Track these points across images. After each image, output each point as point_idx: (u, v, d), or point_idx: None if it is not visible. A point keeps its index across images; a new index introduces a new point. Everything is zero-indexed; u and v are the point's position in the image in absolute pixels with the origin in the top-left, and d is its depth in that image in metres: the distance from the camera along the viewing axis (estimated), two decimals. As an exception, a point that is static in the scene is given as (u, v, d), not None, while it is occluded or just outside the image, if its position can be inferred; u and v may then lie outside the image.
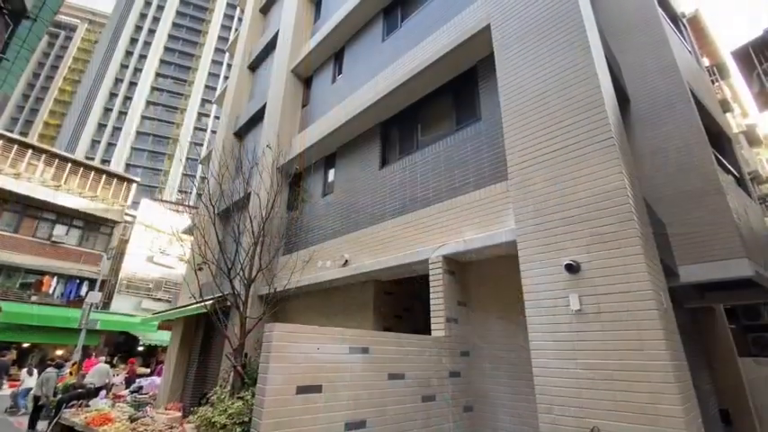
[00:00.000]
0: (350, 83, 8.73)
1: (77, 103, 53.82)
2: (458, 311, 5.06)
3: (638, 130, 6.63)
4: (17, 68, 9.16)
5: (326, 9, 11.18)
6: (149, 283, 22.65)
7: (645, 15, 7.14)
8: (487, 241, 4.66)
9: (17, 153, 18.66)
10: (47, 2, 9.07)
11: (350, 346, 3.75)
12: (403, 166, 6.73)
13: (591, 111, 3.98)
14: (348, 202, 7.65)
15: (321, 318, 7.60)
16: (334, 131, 8.10)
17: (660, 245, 4.43)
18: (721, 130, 7.65)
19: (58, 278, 19.15)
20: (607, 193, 3.65)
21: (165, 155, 53.11)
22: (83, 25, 66.66)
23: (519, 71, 4.78)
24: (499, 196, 4.88)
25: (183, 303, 11.68)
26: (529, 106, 4.52)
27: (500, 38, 5.16)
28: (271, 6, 15.22)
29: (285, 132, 9.79)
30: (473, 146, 5.64)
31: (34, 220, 19.07)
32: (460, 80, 6.36)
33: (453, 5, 6.63)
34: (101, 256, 20.18)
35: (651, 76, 6.75)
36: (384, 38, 8.31)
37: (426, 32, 6.94)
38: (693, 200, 5.75)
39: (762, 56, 10.59)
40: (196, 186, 15.14)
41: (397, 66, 7.22)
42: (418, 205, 6.06)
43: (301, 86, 10.98)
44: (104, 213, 21.09)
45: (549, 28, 4.64)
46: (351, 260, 6.75)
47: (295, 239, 8.76)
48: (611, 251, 3.49)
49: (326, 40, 9.75)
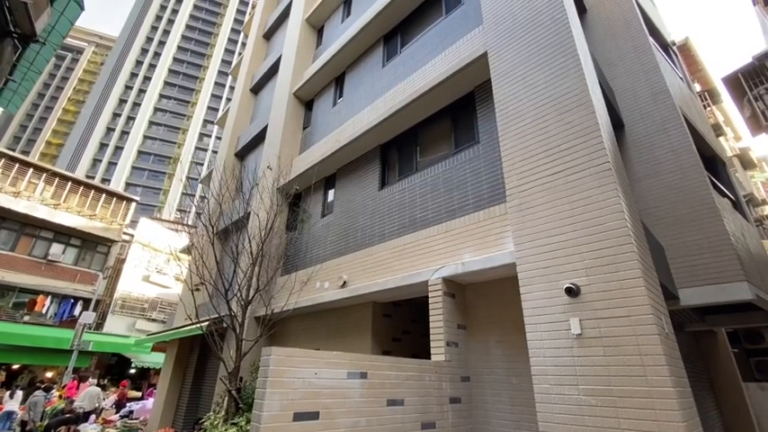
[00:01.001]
0: (351, 106, 8.91)
1: (80, 122, 54.50)
2: (458, 335, 5.00)
3: (634, 153, 6.74)
4: (23, 89, 9.32)
5: (328, 35, 11.54)
6: (144, 303, 22.34)
7: (636, 44, 7.37)
8: (487, 263, 4.66)
9: (18, 171, 18.74)
10: (56, 26, 9.32)
11: (348, 370, 3.69)
12: (402, 188, 6.79)
13: (587, 136, 4.06)
14: (347, 222, 7.67)
15: (318, 340, 7.49)
16: (335, 153, 8.21)
17: (659, 268, 4.43)
18: (715, 153, 7.78)
19: (52, 297, 18.88)
20: (605, 217, 3.68)
21: (165, 174, 53.44)
22: (90, 48, 68.29)
23: (516, 97, 4.90)
24: (498, 218, 4.91)
25: (179, 324, 11.50)
26: (526, 131, 4.61)
27: (497, 65, 5.32)
28: (274, 32, 15.69)
29: (286, 153, 9.91)
30: (471, 168, 5.72)
31: (31, 238, 18.97)
32: (459, 104, 6.51)
33: (451, 33, 6.86)
34: (97, 276, 19.98)
35: (644, 102, 6.92)
36: (384, 63, 8.54)
37: (425, 59, 7.15)
38: (690, 223, 5.79)
39: (751, 82, 10.87)
40: (195, 206, 15.13)
41: (397, 90, 7.39)
42: (417, 226, 6.08)
43: (302, 109, 11.19)
44: (102, 232, 21.01)
45: (544, 56, 4.79)
46: (349, 281, 6.71)
47: (293, 260, 8.72)
48: (611, 274, 3.50)
49: (328, 64, 10.01)
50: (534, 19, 5.11)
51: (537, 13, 5.12)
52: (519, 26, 5.25)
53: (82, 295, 19.46)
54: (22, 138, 57.53)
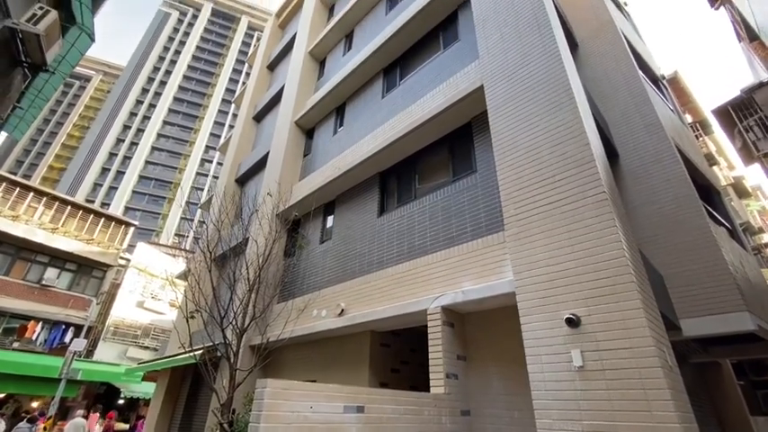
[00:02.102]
0: (351, 135, 9.10)
1: (84, 147, 55.21)
2: (458, 366, 4.89)
3: (630, 182, 6.85)
4: (29, 116, 9.49)
5: (330, 67, 11.94)
6: (137, 329, 21.85)
7: (627, 78, 7.65)
8: (486, 292, 4.63)
9: (18, 195, 18.81)
10: (66, 56, 9.62)
11: (344, 404, 3.58)
12: (401, 215, 6.83)
13: (582, 166, 4.14)
14: (346, 249, 7.65)
15: (314, 371, 7.30)
16: (335, 180, 8.30)
17: (659, 297, 4.41)
18: (709, 182, 7.90)
19: (44, 323, 18.45)
20: (602, 246, 3.70)
21: (165, 199, 53.64)
22: (98, 76, 70.11)
23: (512, 128, 5.02)
24: (497, 247, 4.92)
25: (172, 353, 11.22)
26: (522, 161, 4.71)
27: (493, 97, 5.49)
28: (277, 64, 16.23)
29: (286, 180, 10.01)
30: (469, 196, 5.78)
31: (26, 262, 18.78)
32: (457, 134, 6.66)
33: (449, 67, 7.12)
34: (90, 301, 19.64)
35: (637, 133, 7.10)
36: (384, 94, 8.79)
37: (424, 91, 7.37)
38: (688, 252, 5.80)
39: (741, 114, 11.18)
40: (194, 231, 15.09)
41: (396, 120, 7.58)
42: (416, 254, 6.07)
43: (303, 137, 11.41)
44: (99, 257, 20.83)
45: (538, 89, 4.96)
46: (347, 309, 6.62)
47: (290, 287, 8.63)
48: (610, 305, 3.47)
49: (329, 95, 10.30)
50: (528, 54, 5.32)
51: (530, 48, 5.34)
52: (513, 61, 5.46)
53: (74, 321, 19.05)
54: (25, 162, 58.08)
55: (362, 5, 11.20)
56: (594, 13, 8.59)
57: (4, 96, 7.19)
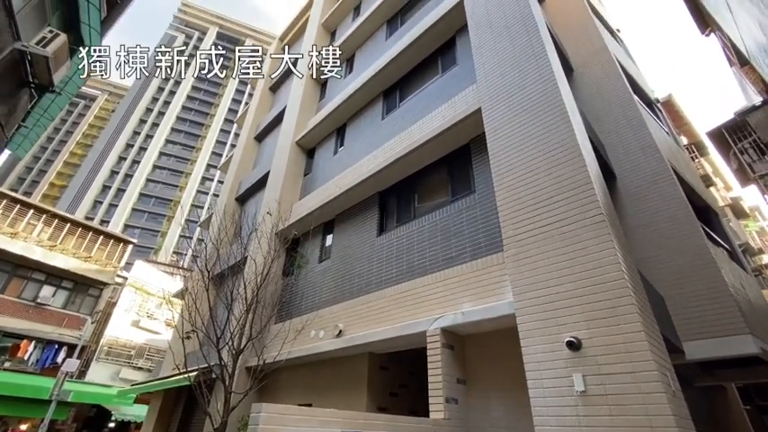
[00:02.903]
0: (351, 155, 9.21)
1: (86, 165, 55.65)
2: (458, 390, 4.79)
3: (627, 204, 6.89)
4: (34, 135, 9.59)
5: (331, 89, 12.20)
6: (131, 349, 21.45)
7: (621, 101, 7.81)
8: (486, 314, 4.58)
9: (18, 212, 18.82)
10: (73, 78, 9.82)
11: (341, 430, 3.49)
12: (400, 234, 6.83)
13: (579, 188, 4.18)
14: (345, 268, 7.62)
15: (311, 394, 7.14)
16: (334, 199, 8.35)
17: (661, 319, 4.37)
18: (706, 204, 7.95)
19: (37, 343, 18.12)
20: (602, 268, 3.69)
21: (164, 216, 53.67)
22: (103, 96, 71.35)
23: (509, 150, 5.10)
24: (496, 267, 4.90)
25: (166, 374, 10.98)
26: (520, 182, 4.75)
27: (490, 120, 5.59)
28: (280, 85, 16.58)
29: (286, 199, 10.06)
30: (468, 216, 5.80)
31: (23, 280, 18.61)
32: (455, 155, 6.74)
33: (447, 90, 7.28)
34: (85, 320, 19.35)
35: (634, 155, 7.20)
36: (384, 116, 8.95)
37: (423, 113, 7.51)
38: (688, 274, 5.79)
39: (735, 136, 11.36)
40: (192, 249, 15.08)
41: (396, 141, 7.68)
42: (415, 274, 6.04)
43: (304, 157, 11.54)
44: (96, 275, 20.67)
45: (535, 113, 5.06)
46: (345, 330, 6.53)
47: (288, 307, 8.54)
48: (611, 327, 3.44)
49: (330, 116, 10.48)
50: (524, 79, 5.45)
51: (526, 73, 5.47)
52: (510, 85, 5.59)
53: (67, 341, 18.72)
54: (27, 179, 58.39)
55: (363, 31, 11.55)
56: (589, 40, 8.86)
57: (10, 116, 7.28)
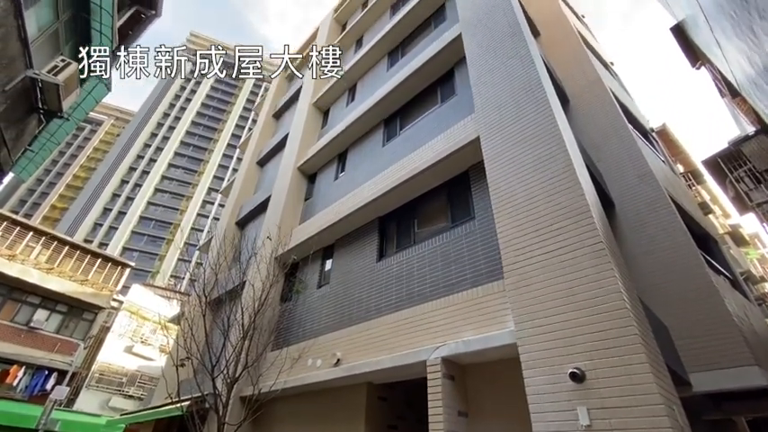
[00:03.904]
0: (351, 180, 9.31)
1: (88, 188, 56.06)
2: (459, 423, 4.63)
3: (627, 231, 6.91)
4: (39, 158, 9.71)
5: (333, 117, 12.50)
6: (123, 376, 20.87)
7: (617, 131, 7.99)
8: (488, 343, 4.50)
9: (17, 235, 18.79)
10: (82, 104, 10.05)
11: (339, 464, 3.36)
12: (400, 260, 6.80)
13: (578, 216, 4.21)
14: (344, 294, 7.54)
15: (307, 426, 6.90)
16: (334, 224, 8.38)
17: (666, 350, 4.29)
18: (706, 231, 7.97)
19: (26, 368, 17.66)
20: (603, 297, 3.66)
21: (164, 240, 53.52)
22: (109, 121, 72.76)
23: (508, 178, 5.17)
24: (497, 295, 4.86)
25: (157, 403, 10.64)
26: (519, 210, 4.79)
27: (489, 148, 5.70)
28: (283, 113, 16.98)
29: (286, 224, 10.09)
30: (468, 243, 5.80)
31: (17, 303, 18.34)
32: (454, 181, 6.83)
33: (446, 119, 7.45)
34: (77, 345, 18.94)
35: (631, 183, 7.29)
36: (384, 143, 9.12)
37: (422, 141, 7.66)
38: (690, 303, 5.73)
39: (731, 165, 11.53)
40: (190, 273, 14.77)
41: (396, 168, 7.79)
42: (415, 301, 5.98)
43: (305, 182, 11.66)
44: (92, 298, 20.39)
45: (532, 142, 5.16)
46: (343, 359, 6.39)
47: (285, 334, 8.39)
48: (614, 358, 3.38)
49: (332, 143, 10.68)
50: (521, 109, 5.60)
51: (523, 104, 5.63)
52: (507, 116, 5.73)
53: (58, 367, 18.24)
54: (28, 201, 58.64)
55: (365, 63, 11.96)
56: (583, 72, 9.16)
57: (18, 140, 7.41)
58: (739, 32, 4.51)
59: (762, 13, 3.44)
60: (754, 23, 3.79)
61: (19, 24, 5.45)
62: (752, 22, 3.83)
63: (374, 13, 13.87)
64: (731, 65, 6.29)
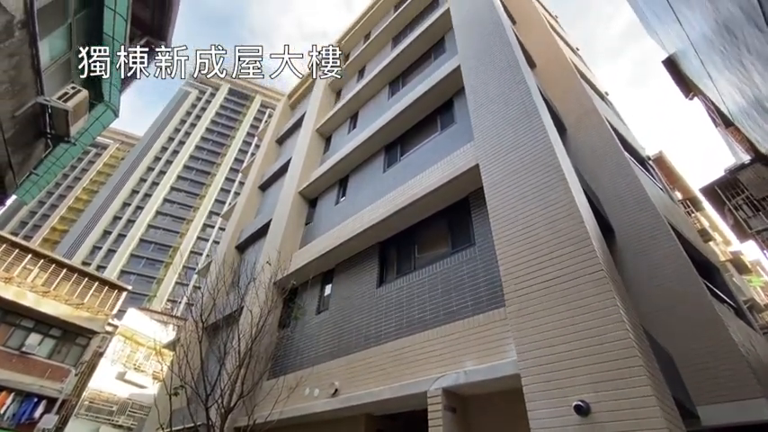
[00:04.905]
0: (352, 205, 9.37)
1: (89, 210, 56.25)
2: (460, 458, 4.46)
3: (628, 258, 6.89)
4: (43, 182, 9.78)
5: (336, 143, 12.73)
6: (114, 405, 20.21)
7: (614, 159, 8.11)
8: (490, 374, 4.40)
9: (16, 257, 18.71)
10: (89, 129, 10.25)
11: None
12: (400, 286, 6.75)
13: (578, 244, 4.21)
14: (343, 321, 7.43)
15: (303, 459, 6.63)
16: (335, 249, 8.36)
17: (672, 381, 4.19)
18: (707, 259, 7.93)
19: (15, 395, 17.14)
20: (605, 327, 3.61)
21: (162, 263, 53.16)
22: (114, 145, 73.97)
23: (507, 205, 5.20)
24: (499, 323, 4.79)
25: (148, 434, 10.26)
26: (519, 237, 4.80)
27: (488, 176, 5.77)
28: (286, 139, 17.30)
29: (286, 248, 10.07)
30: (469, 269, 5.77)
31: (10, 327, 18.02)
32: (455, 208, 6.87)
33: (446, 146, 7.59)
34: (69, 371, 18.47)
35: (630, 210, 7.33)
36: (385, 169, 9.25)
37: (423, 167, 7.77)
38: (695, 332, 5.64)
39: (728, 193, 11.62)
40: (188, 297, 14.53)
41: (396, 193, 7.86)
42: (416, 328, 5.88)
43: (306, 206, 11.73)
44: (86, 323, 20.05)
45: (531, 170, 5.24)
46: (341, 389, 6.22)
47: (282, 361, 8.20)
48: (619, 390, 3.29)
49: (334, 168, 10.83)
50: (519, 138, 5.72)
51: (521, 133, 5.75)
52: (506, 144, 5.84)
53: (48, 394, 17.71)
54: (29, 223, 58.70)
55: (367, 92, 12.30)
56: (579, 102, 9.40)
57: (24, 164, 7.51)
58: (729, 66, 4.67)
59: (750, 48, 3.58)
60: (744, 57, 3.94)
61: (33, 53, 5.64)
62: (741, 56, 3.98)
63: (376, 45, 14.39)
64: (723, 96, 6.48)
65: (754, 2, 2.60)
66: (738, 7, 2.88)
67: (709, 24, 4.09)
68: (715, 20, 3.81)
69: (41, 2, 5.52)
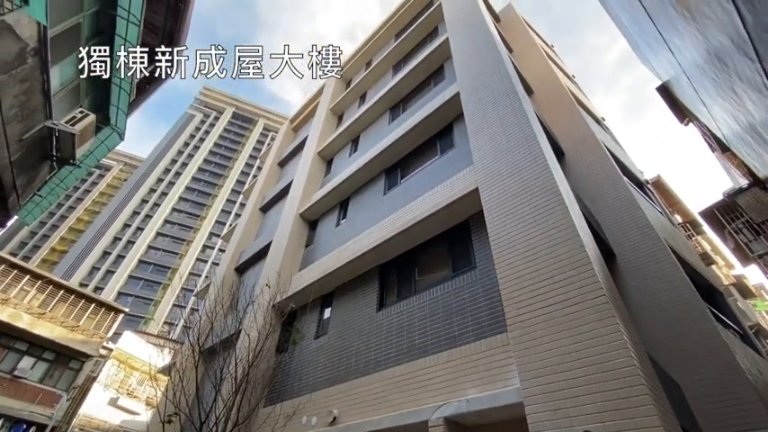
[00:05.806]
0: (353, 228, 9.39)
1: (90, 231, 56.21)
2: (462, 492, 4.29)
3: (630, 283, 6.83)
4: (46, 203, 9.84)
5: (337, 166, 12.88)
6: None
7: (613, 183, 8.17)
8: (492, 402, 4.29)
9: (13, 278, 18.56)
10: (94, 152, 10.39)
11: None
12: (400, 310, 6.66)
13: (579, 268, 4.19)
14: (342, 346, 7.29)
15: (300, 492, 6.36)
16: (335, 270, 8.30)
17: (680, 410, 4.07)
18: (709, 283, 7.86)
19: (5, 421, 16.62)
20: (609, 353, 3.55)
21: (160, 284, 52.67)
22: (118, 166, 74.75)
23: (508, 229, 5.21)
24: (501, 349, 4.71)
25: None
26: (520, 261, 4.78)
27: (488, 199, 5.81)
28: (288, 161, 17.52)
29: (286, 270, 10.01)
30: (470, 293, 5.72)
31: (4, 349, 17.68)
32: (455, 230, 6.87)
33: (446, 170, 7.68)
34: (60, 396, 17.98)
35: (631, 234, 7.32)
36: (385, 192, 9.32)
37: (423, 191, 7.83)
38: (700, 359, 5.53)
39: (728, 216, 11.63)
40: (185, 319, 14.30)
41: (397, 216, 7.89)
42: (416, 354, 5.77)
43: (306, 228, 11.75)
44: (81, 346, 19.67)
45: (530, 194, 5.28)
46: (340, 417, 6.04)
47: (280, 387, 8.00)
48: (627, 421, 3.20)
49: (334, 191, 10.92)
50: (517, 162, 5.79)
51: (519, 157, 5.83)
52: (505, 168, 5.91)
53: (38, 420, 17.19)
54: (29, 243, 58.55)
55: (369, 117, 12.56)
56: (576, 128, 9.57)
57: (28, 185, 7.57)
58: (722, 93, 4.78)
59: (741, 76, 3.68)
60: (735, 85, 4.05)
61: (44, 79, 5.81)
62: (733, 83, 4.09)
63: (377, 72, 14.79)
64: (717, 122, 6.60)
65: (743, 33, 2.69)
66: (728, 37, 2.98)
67: (700, 53, 4.22)
68: (706, 49, 3.93)
69: (55, 30, 5.74)
